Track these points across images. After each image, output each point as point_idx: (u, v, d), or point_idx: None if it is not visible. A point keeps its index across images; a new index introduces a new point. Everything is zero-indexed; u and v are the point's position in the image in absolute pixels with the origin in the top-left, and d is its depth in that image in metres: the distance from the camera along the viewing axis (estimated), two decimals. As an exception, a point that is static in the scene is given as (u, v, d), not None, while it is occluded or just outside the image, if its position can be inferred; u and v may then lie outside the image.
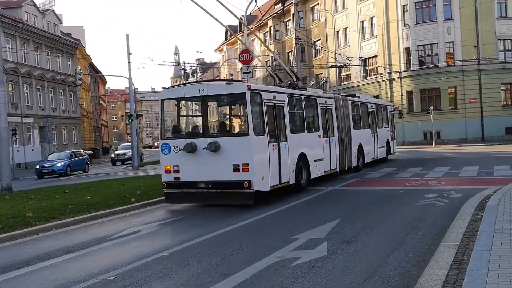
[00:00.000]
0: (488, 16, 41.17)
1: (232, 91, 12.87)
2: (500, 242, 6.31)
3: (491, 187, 12.56)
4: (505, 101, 42.47)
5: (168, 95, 14.19)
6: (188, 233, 9.20)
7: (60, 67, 50.95)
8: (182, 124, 14.80)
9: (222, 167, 12.05)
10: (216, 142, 12.05)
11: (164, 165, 13.21)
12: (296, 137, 14.41)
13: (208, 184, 12.25)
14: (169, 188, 12.92)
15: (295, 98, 15.16)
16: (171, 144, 12.95)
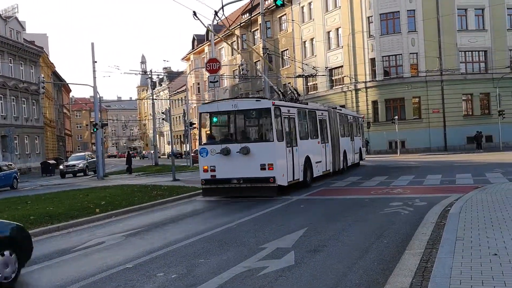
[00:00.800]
0: (450, 28, 42.26)
1: (259, 106, 16.15)
2: (462, 249, 6.43)
3: (453, 195, 12.82)
4: (466, 111, 43.54)
5: (205, 109, 17.70)
6: (154, 244, 9.08)
7: (22, 75, 49.91)
8: (216, 132, 17.75)
9: (251, 166, 15.25)
10: (247, 147, 15.31)
11: (203, 165, 16.24)
12: (303, 143, 17.76)
13: (240, 180, 15.49)
14: (206, 184, 16.07)
15: (302, 111, 18.63)
16: (208, 149, 16.11)
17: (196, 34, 78.44)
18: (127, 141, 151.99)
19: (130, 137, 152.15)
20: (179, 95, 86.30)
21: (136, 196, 17.03)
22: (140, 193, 18.02)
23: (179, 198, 16.77)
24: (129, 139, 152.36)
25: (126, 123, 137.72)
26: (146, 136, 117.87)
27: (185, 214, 13.16)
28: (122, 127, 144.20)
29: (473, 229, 7.69)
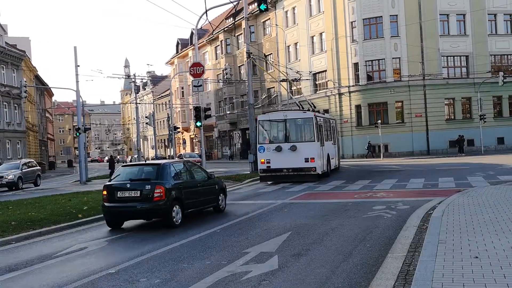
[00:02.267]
0: (432, 33, 42.70)
1: (304, 116, 22.85)
2: (444, 252, 6.49)
3: (436, 198, 12.95)
4: (448, 116, 43.98)
5: (263, 118, 23.48)
6: (137, 249, 9.03)
7: (4, 78, 49.34)
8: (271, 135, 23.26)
9: (298, 159, 21.32)
10: (295, 145, 21.61)
11: (260, 159, 22.24)
12: (326, 144, 24.19)
13: (289, 170, 21.54)
14: (263, 173, 22.04)
15: (324, 119, 25.06)
16: (265, 147, 22.17)
17: (180, 38, 78.31)
18: (111, 145, 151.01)
19: (114, 141, 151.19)
20: (163, 99, 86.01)
21: (119, 201, 16.88)
22: (123, 197, 17.86)
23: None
24: (112, 144, 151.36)
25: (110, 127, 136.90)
26: (130, 140, 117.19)
27: (168, 218, 13.07)
28: (105, 132, 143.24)
29: (455, 232, 7.77)
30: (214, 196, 13.70)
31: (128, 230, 11.43)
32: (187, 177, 12.99)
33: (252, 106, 31.59)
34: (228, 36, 61.23)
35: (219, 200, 13.90)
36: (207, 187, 13.42)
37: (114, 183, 11.96)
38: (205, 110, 23.70)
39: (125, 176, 12.15)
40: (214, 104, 66.02)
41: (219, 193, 14.00)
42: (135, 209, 11.42)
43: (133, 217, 12.01)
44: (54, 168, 72.76)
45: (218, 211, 13.71)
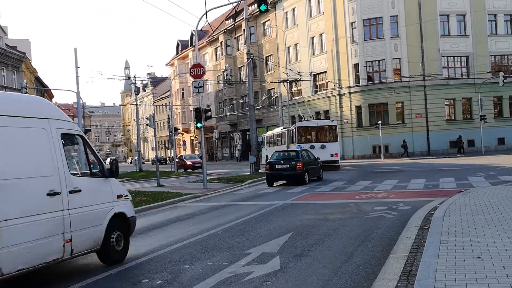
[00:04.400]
0: (432, 34, 42.74)
1: (330, 124, 33.11)
2: (446, 253, 6.48)
3: (437, 199, 12.93)
4: (449, 116, 43.99)
5: (300, 125, 32.73)
6: (137, 250, 9.01)
7: (4, 80, 49.34)
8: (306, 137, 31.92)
9: (325, 154, 29.12)
10: (324, 144, 30.59)
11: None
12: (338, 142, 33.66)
13: None
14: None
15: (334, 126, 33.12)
16: (302, 146, 28.97)
17: (180, 40, 78.37)
18: (111, 147, 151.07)
19: (114, 143, 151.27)
20: (163, 100, 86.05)
21: (120, 202, 16.88)
22: (124, 199, 17.86)
23: (164, 204, 16.67)
24: (112, 145, 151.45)
25: (110, 129, 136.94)
26: (130, 142, 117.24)
27: (169, 219, 13.08)
28: (105, 133, 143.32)
29: (456, 233, 7.76)
30: (318, 170, 23.47)
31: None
32: (309, 158, 23.10)
33: (253, 107, 31.64)
34: (228, 37, 61.27)
35: (320, 174, 23.56)
36: (315, 165, 23.37)
37: (272, 161, 22.43)
38: (206, 111, 23.68)
39: (277, 157, 22.77)
40: (214, 105, 66.06)
41: (320, 169, 23.74)
42: (286, 174, 21.67)
43: (283, 179, 22.23)
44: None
45: (319, 180, 23.00)
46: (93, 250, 7.77)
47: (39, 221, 6.51)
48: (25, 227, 6.27)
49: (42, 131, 7.02)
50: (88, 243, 7.55)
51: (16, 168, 6.39)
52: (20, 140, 6.61)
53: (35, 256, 6.46)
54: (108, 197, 8.21)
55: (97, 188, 8.04)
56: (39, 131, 6.97)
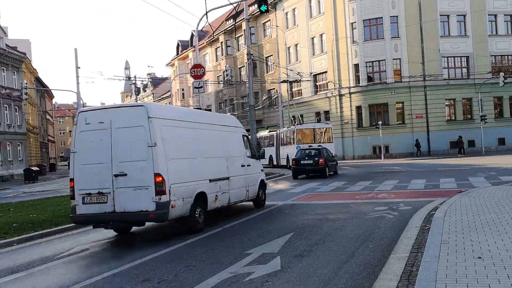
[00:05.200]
0: (432, 34, 42.74)
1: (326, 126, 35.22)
2: (447, 253, 6.48)
3: (437, 199, 12.93)
4: (449, 116, 43.99)
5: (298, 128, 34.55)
6: (139, 250, 9.01)
7: (5, 81, 49.35)
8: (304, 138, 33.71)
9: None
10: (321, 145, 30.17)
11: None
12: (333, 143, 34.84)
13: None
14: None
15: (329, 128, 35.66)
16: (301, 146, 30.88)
17: (181, 40, 78.32)
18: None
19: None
20: (164, 101, 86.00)
21: (121, 202, 16.87)
22: (124, 199, 17.85)
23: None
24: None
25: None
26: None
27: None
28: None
29: (457, 233, 7.76)
30: (335, 166, 27.41)
31: (131, 232, 11.42)
32: (328, 155, 26.68)
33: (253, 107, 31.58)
34: (228, 38, 61.26)
35: (336, 169, 27.67)
36: (333, 162, 27.25)
37: (298, 157, 26.22)
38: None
39: (302, 154, 26.55)
40: (215, 105, 66.03)
41: (336, 165, 27.89)
42: (310, 169, 25.51)
43: (307, 173, 25.91)
44: (55, 170, 72.70)
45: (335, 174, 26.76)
46: (253, 199, 14.11)
47: (239, 179, 13.03)
48: (236, 181, 12.81)
49: (239, 134, 13.95)
50: (252, 195, 13.89)
51: (234, 152, 13.15)
52: (234, 138, 13.53)
53: (238, 196, 12.97)
54: (259, 170, 14.74)
55: (255, 164, 14.48)
56: (238, 134, 13.87)
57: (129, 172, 9.61)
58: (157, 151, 9.54)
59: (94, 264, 8.24)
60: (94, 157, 9.87)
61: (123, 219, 9.85)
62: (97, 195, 9.74)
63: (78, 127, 10.16)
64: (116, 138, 9.75)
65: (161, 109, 11.16)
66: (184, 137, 10.70)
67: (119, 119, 9.85)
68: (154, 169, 9.46)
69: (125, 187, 9.61)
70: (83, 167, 9.97)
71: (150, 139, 9.52)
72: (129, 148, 9.69)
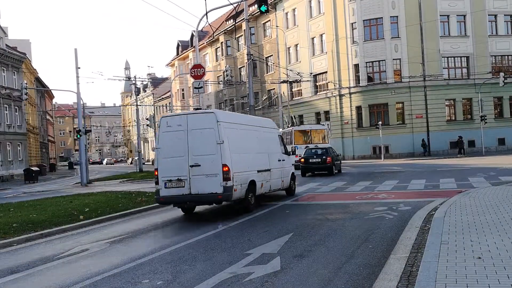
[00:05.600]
0: (433, 34, 42.75)
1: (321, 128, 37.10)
2: (447, 253, 6.48)
3: (437, 199, 12.92)
4: (449, 116, 44.00)
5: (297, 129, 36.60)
6: (138, 251, 9.01)
7: (5, 81, 49.36)
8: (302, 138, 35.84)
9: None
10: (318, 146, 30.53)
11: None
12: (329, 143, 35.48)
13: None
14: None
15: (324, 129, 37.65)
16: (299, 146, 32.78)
17: (181, 40, 78.35)
18: (111, 147, 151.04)
19: (114, 143, 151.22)
20: (164, 101, 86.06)
21: (121, 202, 16.90)
22: (124, 199, 17.89)
23: (164, 205, 16.64)
24: (113, 146, 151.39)
25: (110, 129, 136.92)
26: (130, 143, 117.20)
27: (170, 220, 13.09)
28: (106, 134, 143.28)
29: (457, 233, 7.76)
30: (339, 165, 28.94)
31: (130, 232, 11.42)
32: (334, 154, 28.04)
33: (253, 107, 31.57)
34: (228, 38, 61.27)
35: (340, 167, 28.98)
36: (338, 161, 28.64)
37: (306, 156, 27.64)
38: (206, 112, 23.60)
39: (310, 153, 27.78)
40: (215, 105, 66.05)
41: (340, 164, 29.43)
42: (318, 167, 27.11)
43: (315, 170, 27.52)
44: (55, 170, 72.72)
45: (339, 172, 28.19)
46: (286, 188, 16.95)
47: (277, 171, 15.81)
48: (275, 172, 15.57)
49: (276, 134, 17.16)
50: (286, 184, 16.83)
51: (273, 148, 16.04)
52: (273, 138, 16.53)
53: (276, 185, 15.74)
54: (290, 164, 17.74)
55: (288, 160, 17.43)
56: (275, 134, 17.05)
57: (202, 163, 12.42)
58: (223, 147, 12.37)
59: (93, 264, 8.23)
60: (174, 152, 12.71)
61: (197, 200, 12.78)
62: (177, 181, 12.60)
63: (161, 129, 13.07)
64: (191, 137, 12.61)
65: (225, 115, 14.02)
66: (240, 137, 13.63)
67: (194, 123, 12.74)
68: (222, 161, 12.30)
69: (198, 174, 12.42)
70: (165, 159, 12.83)
71: (219, 138, 12.36)
72: (202, 145, 12.52)
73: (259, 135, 15.40)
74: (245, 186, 13.21)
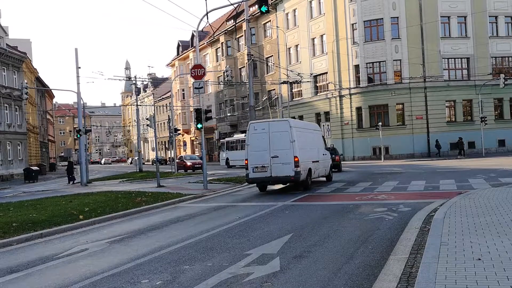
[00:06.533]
0: (433, 35, 42.76)
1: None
2: (446, 254, 6.47)
3: (437, 200, 12.91)
4: (449, 118, 43.99)
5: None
6: (138, 251, 9.01)
7: (5, 80, 49.36)
8: None
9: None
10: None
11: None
12: None
13: None
14: None
15: None
16: None
17: (181, 40, 78.39)
18: (111, 147, 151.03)
19: (114, 143, 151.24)
20: (164, 101, 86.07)
21: (120, 202, 16.90)
22: (124, 199, 17.89)
23: (164, 205, 16.68)
24: (113, 145, 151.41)
25: (110, 129, 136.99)
26: (130, 142, 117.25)
27: (169, 220, 13.08)
28: (106, 133, 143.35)
29: (457, 234, 7.75)
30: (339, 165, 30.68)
31: (129, 232, 11.42)
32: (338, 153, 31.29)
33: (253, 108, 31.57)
34: (228, 38, 61.29)
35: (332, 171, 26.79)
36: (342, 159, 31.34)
37: None
38: (206, 112, 23.66)
39: None
40: (215, 106, 66.08)
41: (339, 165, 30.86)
42: None
43: None
44: (55, 169, 72.71)
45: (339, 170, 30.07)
46: (327, 176, 22.60)
47: (322, 162, 21.77)
48: (321, 163, 21.58)
49: (320, 135, 23.51)
50: (327, 172, 22.58)
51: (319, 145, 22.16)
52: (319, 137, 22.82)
53: (321, 173, 21.66)
54: (329, 158, 23.32)
55: (328, 154, 23.11)
56: (320, 135, 23.51)
57: (279, 155, 18.19)
58: (294, 144, 18.16)
59: (93, 264, 8.23)
60: (260, 147, 18.49)
61: (276, 180, 18.85)
62: (261, 167, 18.49)
63: (250, 131, 18.91)
64: (272, 137, 18.39)
65: (295, 122, 20.20)
66: (303, 137, 19.38)
67: (274, 127, 18.59)
68: (293, 154, 18.07)
69: (277, 163, 18.25)
70: (253, 152, 18.65)
71: (291, 138, 18.17)
72: (279, 142, 18.24)
73: (312, 135, 21.43)
74: (306, 172, 18.83)
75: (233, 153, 46.85)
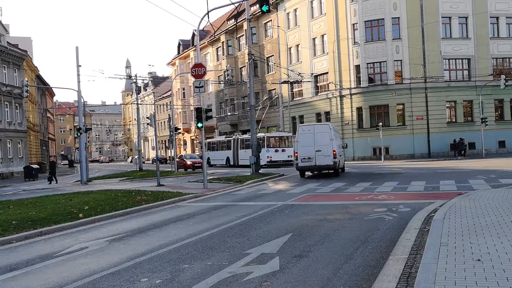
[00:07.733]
0: (434, 36, 42.74)
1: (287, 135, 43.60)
2: (446, 255, 6.47)
3: (437, 201, 12.90)
4: (450, 118, 43.98)
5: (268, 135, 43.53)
6: (138, 250, 9.01)
7: (6, 78, 49.33)
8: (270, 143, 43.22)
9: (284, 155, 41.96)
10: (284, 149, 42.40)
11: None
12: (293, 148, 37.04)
13: None
14: None
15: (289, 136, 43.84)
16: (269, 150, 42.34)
17: (182, 39, 78.35)
18: (111, 146, 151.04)
19: (114, 141, 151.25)
20: (164, 100, 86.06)
21: (120, 201, 16.90)
22: (124, 198, 17.88)
23: (164, 204, 16.67)
24: (113, 144, 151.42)
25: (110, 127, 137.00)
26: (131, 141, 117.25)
27: (169, 219, 13.08)
28: (106, 132, 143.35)
29: (457, 235, 7.75)
30: None
31: (129, 231, 11.42)
32: None
33: (253, 107, 31.61)
34: (229, 38, 61.26)
35: None
36: None
37: None
38: (206, 111, 23.66)
39: None
40: (215, 105, 66.05)
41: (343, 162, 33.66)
42: None
43: None
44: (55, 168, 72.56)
45: None
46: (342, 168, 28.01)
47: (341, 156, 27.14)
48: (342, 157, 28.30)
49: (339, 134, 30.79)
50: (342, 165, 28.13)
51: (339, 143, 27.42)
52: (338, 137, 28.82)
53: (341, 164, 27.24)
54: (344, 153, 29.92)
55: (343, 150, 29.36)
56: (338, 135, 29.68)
57: (322, 150, 24.60)
58: (333, 142, 24.67)
59: (92, 262, 8.23)
60: (306, 143, 24.94)
61: (319, 168, 25.52)
62: (308, 158, 25.02)
63: (299, 132, 25.51)
64: (316, 136, 24.82)
65: (332, 126, 26.45)
66: (336, 137, 25.52)
67: (317, 129, 25.27)
68: (332, 148, 24.57)
69: (320, 155, 24.69)
70: (301, 147, 24.98)
71: (331, 136, 24.75)
72: (322, 140, 24.69)
73: (337, 135, 27.14)
74: (338, 162, 25.45)
75: (214, 153, 51.83)
